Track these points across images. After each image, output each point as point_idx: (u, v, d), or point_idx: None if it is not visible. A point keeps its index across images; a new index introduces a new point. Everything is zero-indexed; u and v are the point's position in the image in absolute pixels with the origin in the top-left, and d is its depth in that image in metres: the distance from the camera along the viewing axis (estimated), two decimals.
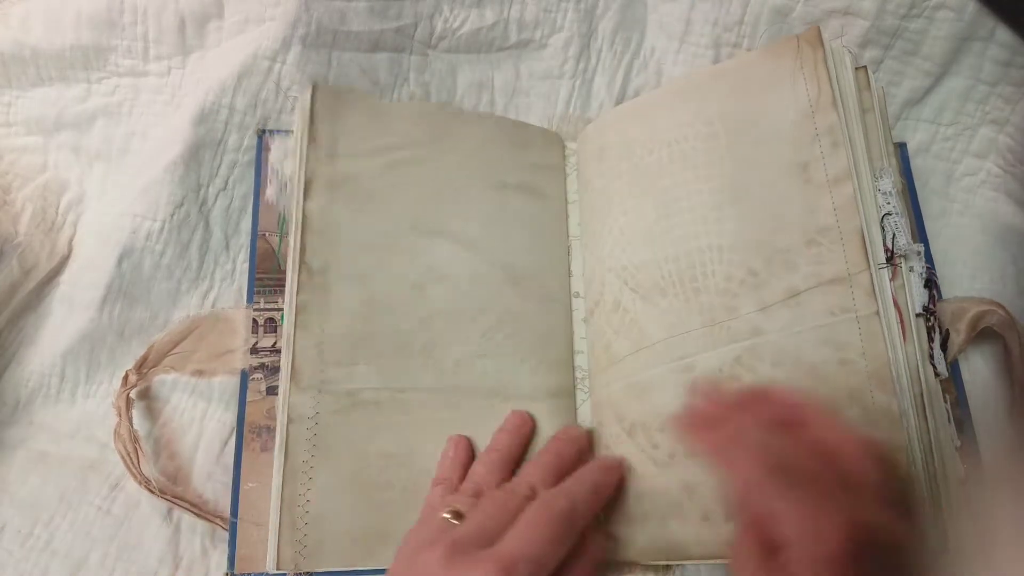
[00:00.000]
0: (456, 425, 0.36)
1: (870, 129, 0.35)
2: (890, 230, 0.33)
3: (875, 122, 0.35)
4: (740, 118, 0.37)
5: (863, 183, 0.34)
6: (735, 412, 0.28)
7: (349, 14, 0.43)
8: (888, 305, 0.32)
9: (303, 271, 0.36)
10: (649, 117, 0.40)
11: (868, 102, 0.35)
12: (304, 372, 0.35)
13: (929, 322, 0.33)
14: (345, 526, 0.34)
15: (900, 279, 0.33)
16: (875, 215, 0.33)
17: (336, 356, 0.35)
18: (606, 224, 0.39)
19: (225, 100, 0.42)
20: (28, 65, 0.44)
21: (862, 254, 0.32)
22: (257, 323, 0.40)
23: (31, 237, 0.42)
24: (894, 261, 0.33)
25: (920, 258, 0.34)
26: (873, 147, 0.35)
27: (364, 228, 0.37)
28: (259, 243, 0.41)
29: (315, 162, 0.37)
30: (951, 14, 0.41)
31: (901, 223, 0.33)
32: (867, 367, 0.31)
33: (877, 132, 0.35)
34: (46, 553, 0.37)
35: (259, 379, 0.39)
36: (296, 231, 0.36)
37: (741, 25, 0.43)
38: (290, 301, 0.36)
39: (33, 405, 0.42)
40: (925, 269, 0.34)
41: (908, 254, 0.33)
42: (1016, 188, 0.43)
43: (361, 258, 0.37)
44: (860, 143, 0.34)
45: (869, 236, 0.33)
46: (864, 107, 0.35)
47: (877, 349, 0.31)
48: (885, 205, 0.34)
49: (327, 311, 0.36)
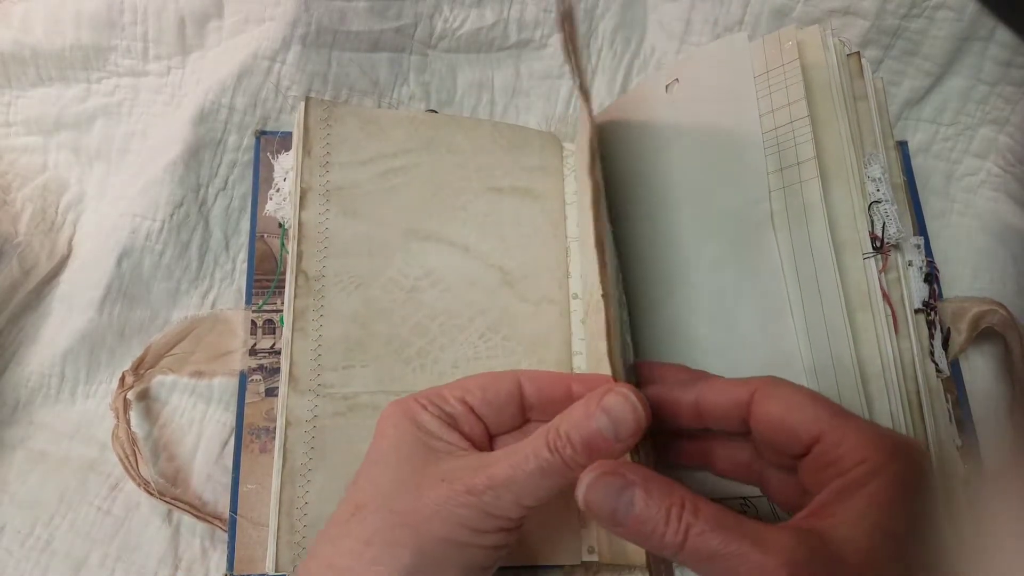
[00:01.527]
0: None
1: (862, 116, 0.34)
2: (880, 218, 0.32)
3: (868, 110, 0.34)
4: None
5: (848, 169, 0.32)
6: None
7: (349, 14, 0.43)
8: (876, 297, 0.31)
9: (300, 278, 0.36)
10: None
11: (861, 89, 0.34)
12: (302, 376, 0.35)
13: (930, 316, 0.32)
14: None
15: (895, 272, 0.32)
16: (862, 202, 0.32)
17: (333, 360, 0.36)
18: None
19: (225, 100, 0.42)
20: (28, 65, 0.44)
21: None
22: (256, 324, 0.40)
23: (31, 237, 0.42)
24: (884, 250, 0.31)
25: (919, 252, 0.33)
26: (866, 136, 0.34)
27: (359, 235, 0.38)
28: (258, 245, 0.41)
29: (309, 173, 0.38)
30: (951, 14, 0.41)
31: (892, 211, 0.32)
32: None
33: (871, 120, 0.34)
34: (46, 553, 0.37)
35: (258, 380, 0.39)
36: (293, 240, 0.37)
37: (741, 25, 0.43)
38: (288, 307, 0.36)
39: (33, 405, 0.42)
40: (925, 263, 0.33)
41: (903, 245, 0.32)
42: (1016, 188, 0.43)
43: (356, 264, 0.37)
44: (844, 128, 0.33)
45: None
46: (857, 94, 0.34)
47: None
48: (875, 192, 0.32)
49: (324, 316, 0.36)
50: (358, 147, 0.39)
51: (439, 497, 0.24)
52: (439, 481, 0.25)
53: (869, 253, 0.31)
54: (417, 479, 0.25)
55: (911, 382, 0.31)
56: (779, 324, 0.31)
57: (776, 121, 0.33)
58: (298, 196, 0.37)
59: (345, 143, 0.39)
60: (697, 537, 0.21)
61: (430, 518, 0.24)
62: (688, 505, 0.21)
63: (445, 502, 0.24)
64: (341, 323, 0.36)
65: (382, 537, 0.24)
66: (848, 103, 0.33)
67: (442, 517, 0.24)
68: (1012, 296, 0.40)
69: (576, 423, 0.24)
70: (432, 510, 0.24)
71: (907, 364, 0.31)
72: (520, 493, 0.24)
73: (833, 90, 0.33)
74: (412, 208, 0.39)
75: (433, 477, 0.25)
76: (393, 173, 0.39)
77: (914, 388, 0.31)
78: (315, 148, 0.38)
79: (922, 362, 0.31)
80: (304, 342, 0.35)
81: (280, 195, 0.41)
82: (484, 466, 0.25)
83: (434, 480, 0.25)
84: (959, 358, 0.38)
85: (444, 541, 0.24)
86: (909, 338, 0.31)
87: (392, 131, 0.40)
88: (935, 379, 0.32)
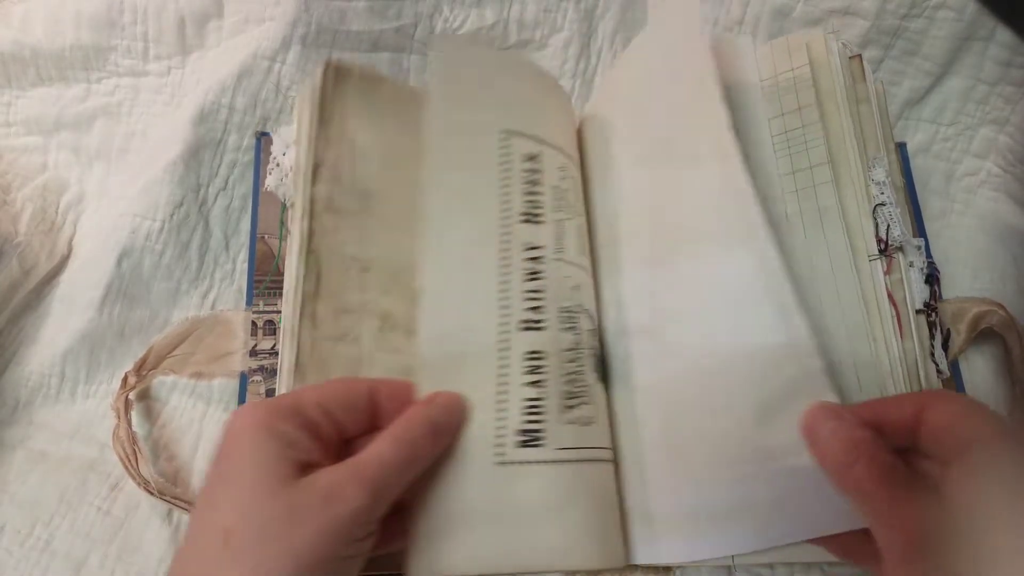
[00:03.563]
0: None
1: (865, 119, 0.34)
2: (884, 221, 0.32)
3: (870, 112, 0.34)
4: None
5: (853, 173, 0.33)
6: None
7: (349, 14, 0.43)
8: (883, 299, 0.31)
9: (310, 258, 0.33)
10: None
11: (864, 92, 0.35)
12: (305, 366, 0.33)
13: (931, 318, 0.33)
14: None
15: (898, 273, 0.32)
16: (867, 206, 0.32)
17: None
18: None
19: (225, 100, 0.42)
20: (28, 65, 0.44)
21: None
22: (256, 325, 0.40)
23: (31, 237, 0.42)
24: (889, 253, 0.32)
25: (921, 253, 0.33)
26: (869, 139, 0.34)
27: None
28: (258, 245, 0.41)
29: (324, 145, 0.34)
30: (951, 14, 0.41)
31: (896, 214, 0.32)
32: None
33: (873, 123, 0.34)
34: (46, 553, 0.37)
35: (258, 381, 0.39)
36: (305, 217, 0.33)
37: (741, 25, 0.43)
38: (295, 291, 0.32)
39: (33, 405, 0.42)
40: (927, 264, 0.33)
41: (906, 248, 0.32)
42: (1016, 188, 0.43)
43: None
44: (848, 132, 0.33)
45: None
46: (859, 97, 0.34)
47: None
48: (879, 195, 0.32)
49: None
50: (376, 118, 0.35)
51: (320, 516, 0.23)
52: (317, 499, 0.24)
53: (875, 255, 0.32)
54: (290, 499, 0.24)
55: (915, 383, 0.31)
56: (790, 323, 0.31)
57: (786, 124, 0.34)
58: (310, 170, 0.33)
59: (362, 115, 0.35)
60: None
61: (313, 542, 0.23)
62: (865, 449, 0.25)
63: (327, 521, 0.23)
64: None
65: (265, 569, 0.23)
66: (852, 106, 0.34)
67: (327, 538, 0.23)
68: (1012, 296, 0.40)
69: (423, 418, 0.27)
70: (313, 531, 0.23)
71: (911, 365, 0.31)
72: (389, 494, 0.25)
73: (838, 94, 0.33)
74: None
75: (308, 495, 0.24)
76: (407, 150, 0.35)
77: (917, 389, 0.31)
78: (332, 117, 0.34)
79: (924, 363, 0.31)
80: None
81: (280, 170, 0.39)
82: (355, 474, 0.25)
83: (310, 498, 0.24)
84: (959, 358, 0.38)
85: (328, 560, 0.23)
86: (912, 339, 0.32)
87: (410, 105, 0.36)
88: (936, 380, 0.32)
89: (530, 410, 0.29)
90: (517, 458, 0.28)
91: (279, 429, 0.25)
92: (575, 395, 0.30)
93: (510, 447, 0.28)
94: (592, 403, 0.31)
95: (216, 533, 0.23)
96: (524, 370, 0.29)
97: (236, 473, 0.24)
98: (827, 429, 0.26)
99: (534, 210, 0.32)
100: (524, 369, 0.29)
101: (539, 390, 0.29)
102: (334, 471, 0.25)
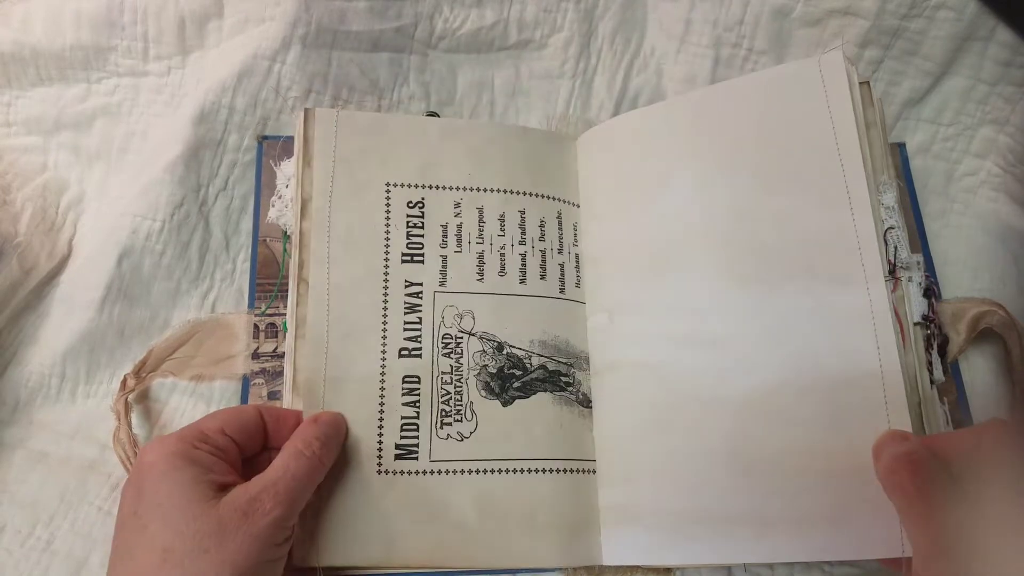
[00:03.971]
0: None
1: (874, 144, 0.35)
2: (892, 243, 0.34)
3: (878, 136, 0.35)
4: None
5: (872, 199, 0.34)
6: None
7: (349, 14, 0.43)
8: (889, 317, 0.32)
9: (301, 286, 0.36)
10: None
11: (872, 116, 0.35)
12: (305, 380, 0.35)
13: (928, 330, 0.34)
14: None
15: (900, 290, 0.33)
16: (879, 230, 0.34)
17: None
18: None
19: (225, 100, 0.42)
20: (28, 65, 0.44)
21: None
22: (258, 328, 0.40)
23: (31, 237, 0.42)
24: (896, 274, 0.33)
25: (919, 268, 0.34)
26: (878, 163, 0.35)
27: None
28: (260, 248, 0.41)
29: (310, 183, 0.37)
30: (951, 14, 0.41)
31: (902, 236, 0.34)
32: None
33: (880, 146, 0.35)
34: (46, 554, 0.37)
35: (260, 384, 0.39)
36: (295, 248, 0.37)
37: (741, 25, 0.43)
38: (291, 315, 0.36)
39: (33, 405, 0.42)
40: (924, 278, 0.34)
41: (909, 265, 0.34)
42: (1016, 188, 0.43)
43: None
44: (867, 159, 0.34)
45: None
46: (868, 122, 0.35)
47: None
48: (888, 219, 0.34)
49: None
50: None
51: (247, 527, 0.27)
52: (241, 514, 0.27)
53: (888, 277, 0.33)
54: (218, 515, 0.27)
55: (913, 393, 0.32)
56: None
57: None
58: (299, 206, 0.37)
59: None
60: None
61: (244, 550, 0.27)
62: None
63: (253, 531, 0.27)
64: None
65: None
66: (864, 132, 0.35)
67: (256, 545, 0.27)
68: (1012, 296, 0.40)
69: (317, 433, 0.32)
70: (243, 541, 0.27)
71: (911, 377, 0.32)
72: (302, 502, 0.30)
73: (857, 120, 0.34)
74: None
75: (232, 510, 0.27)
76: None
77: (916, 399, 0.32)
78: (316, 160, 0.38)
79: (920, 373, 0.32)
80: (306, 348, 0.35)
81: (282, 202, 0.40)
82: (269, 486, 0.28)
83: (235, 513, 0.27)
84: (958, 359, 0.38)
85: (257, 564, 0.27)
86: (913, 351, 0.33)
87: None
88: (929, 387, 0.32)
89: (406, 427, 0.35)
90: (395, 468, 0.34)
91: (193, 456, 0.29)
92: (450, 414, 0.35)
93: (387, 459, 0.34)
94: (471, 420, 0.35)
95: (153, 552, 0.26)
96: (403, 391, 0.35)
97: (163, 497, 0.27)
98: (892, 446, 0.29)
99: (413, 250, 0.37)
100: (403, 391, 0.35)
101: (415, 410, 0.35)
102: (250, 487, 0.28)
